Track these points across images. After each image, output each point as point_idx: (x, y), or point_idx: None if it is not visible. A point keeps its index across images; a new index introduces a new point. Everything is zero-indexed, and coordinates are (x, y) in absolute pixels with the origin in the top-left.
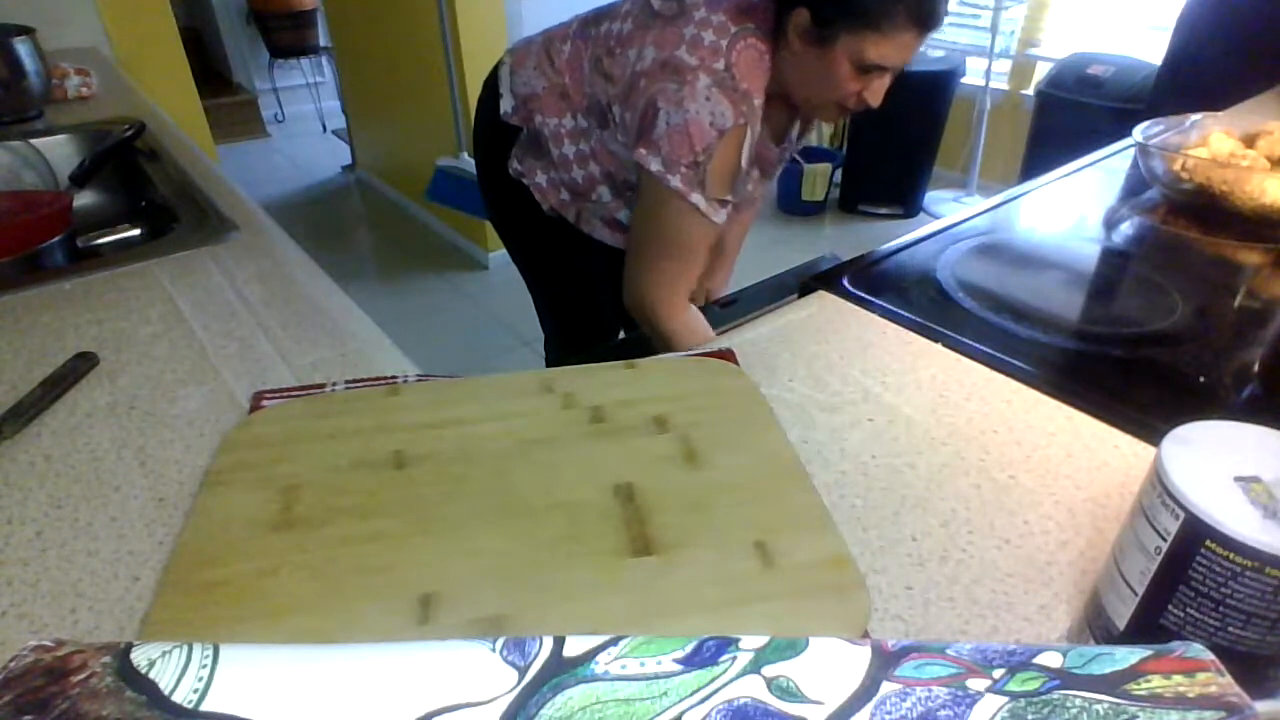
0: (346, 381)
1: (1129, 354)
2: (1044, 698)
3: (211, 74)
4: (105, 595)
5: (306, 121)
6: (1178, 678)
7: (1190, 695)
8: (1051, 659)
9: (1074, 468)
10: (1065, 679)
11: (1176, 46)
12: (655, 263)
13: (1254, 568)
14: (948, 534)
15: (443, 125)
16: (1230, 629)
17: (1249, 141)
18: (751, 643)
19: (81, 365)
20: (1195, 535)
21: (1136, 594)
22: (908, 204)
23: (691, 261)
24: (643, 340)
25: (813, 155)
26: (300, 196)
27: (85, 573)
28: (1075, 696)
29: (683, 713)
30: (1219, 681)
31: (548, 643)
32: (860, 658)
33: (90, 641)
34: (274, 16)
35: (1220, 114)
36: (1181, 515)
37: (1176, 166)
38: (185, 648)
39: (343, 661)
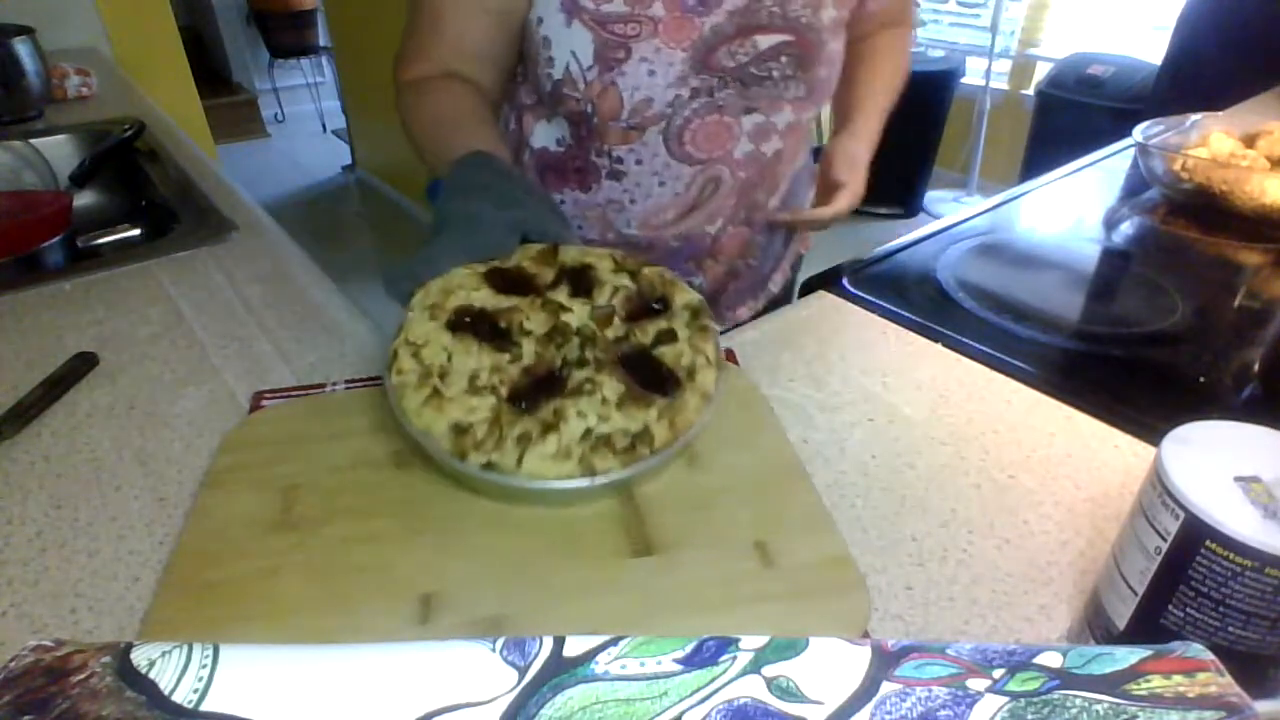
0: (346, 381)
1: (1129, 354)
2: (1044, 698)
3: (211, 74)
4: (105, 595)
5: (306, 121)
6: (1178, 678)
7: (1190, 695)
8: (1051, 659)
9: (1074, 468)
10: (1065, 679)
11: (1177, 46)
12: (408, 20)
13: (1254, 568)
14: (948, 534)
15: None
16: (1230, 629)
17: (1249, 141)
18: (751, 643)
19: (81, 365)
20: (1195, 535)
21: (1136, 594)
22: (908, 204)
23: (428, 17)
24: None
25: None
26: (300, 196)
27: (85, 573)
28: (1075, 696)
29: (683, 713)
30: (1219, 681)
31: (548, 643)
32: (860, 658)
33: (90, 641)
34: (274, 16)
35: (1220, 114)
36: (1181, 515)
37: (1176, 166)
38: (185, 648)
39: (343, 661)
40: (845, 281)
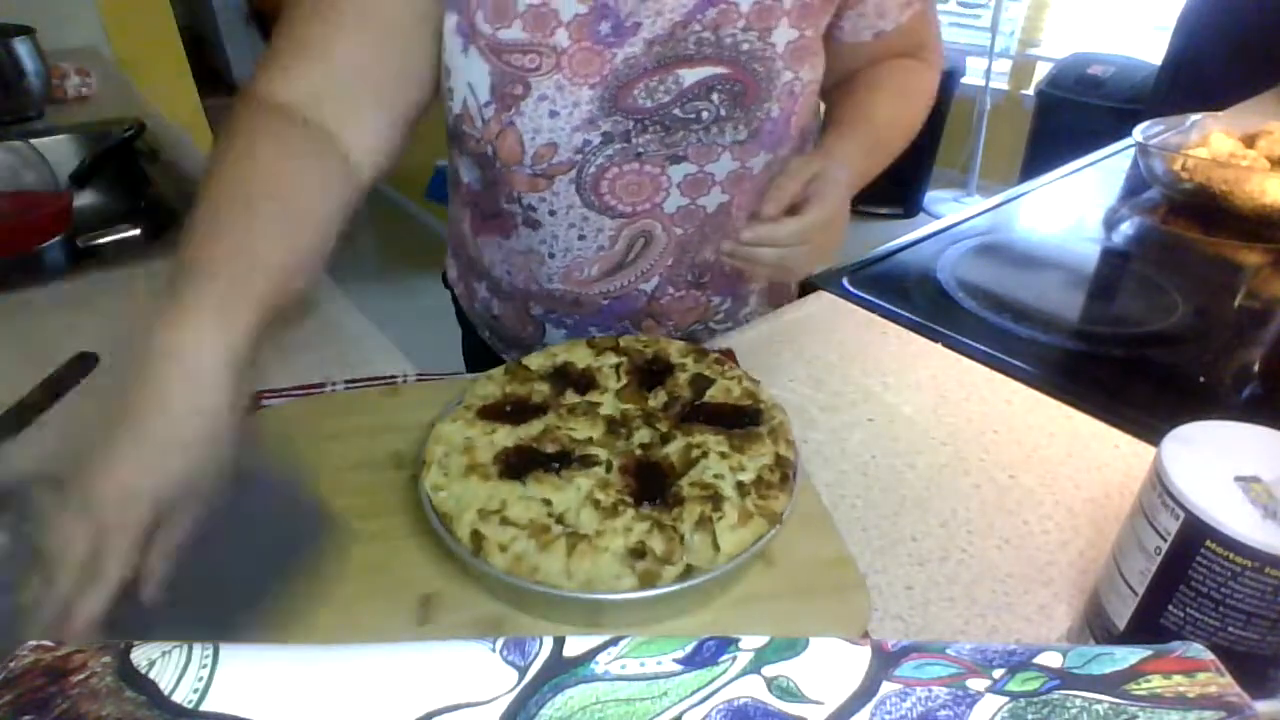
0: (346, 381)
1: (1129, 354)
2: (1044, 698)
3: (211, 74)
4: None
5: None
6: (1178, 678)
7: (1190, 695)
8: (1051, 659)
9: (1074, 468)
10: (1065, 679)
11: (1177, 46)
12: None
13: (1254, 568)
14: (948, 534)
15: (443, 125)
16: (1230, 629)
17: (1249, 141)
18: (751, 643)
19: (81, 365)
20: (1195, 535)
21: (1136, 594)
22: (908, 204)
23: (300, 21)
24: None
25: None
26: None
27: None
28: (1075, 696)
29: (683, 713)
30: (1219, 681)
31: (548, 643)
32: (860, 658)
33: (90, 641)
34: (274, 17)
35: (1220, 114)
36: (1181, 515)
37: (1176, 166)
38: (185, 648)
39: (343, 661)
40: (845, 281)
